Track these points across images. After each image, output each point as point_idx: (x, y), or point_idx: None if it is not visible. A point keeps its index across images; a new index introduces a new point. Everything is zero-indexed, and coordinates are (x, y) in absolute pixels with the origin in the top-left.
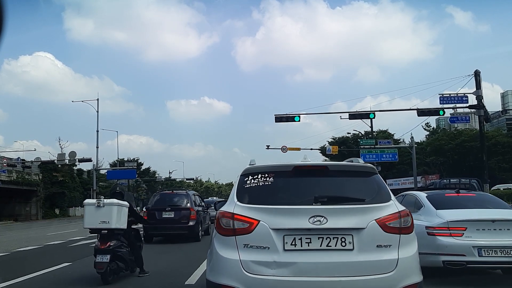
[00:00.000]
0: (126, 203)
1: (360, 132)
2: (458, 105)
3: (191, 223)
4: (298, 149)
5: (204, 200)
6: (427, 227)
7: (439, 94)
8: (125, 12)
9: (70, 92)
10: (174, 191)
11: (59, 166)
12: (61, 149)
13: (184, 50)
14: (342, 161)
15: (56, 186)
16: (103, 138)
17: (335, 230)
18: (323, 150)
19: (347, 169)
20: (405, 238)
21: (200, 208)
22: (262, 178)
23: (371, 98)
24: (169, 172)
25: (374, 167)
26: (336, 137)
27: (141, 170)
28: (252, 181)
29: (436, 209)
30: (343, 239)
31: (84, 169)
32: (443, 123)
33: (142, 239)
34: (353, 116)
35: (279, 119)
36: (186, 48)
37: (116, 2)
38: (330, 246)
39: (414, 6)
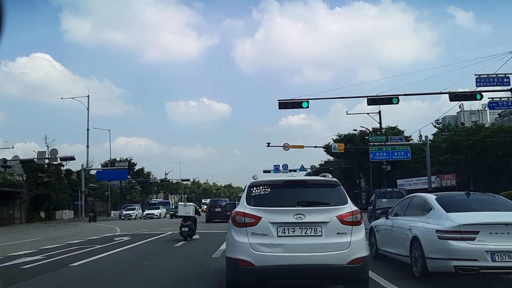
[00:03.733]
0: (194, 204)
1: (367, 129)
2: (498, 87)
3: (228, 214)
4: (301, 147)
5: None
6: (437, 231)
7: (475, 75)
8: (123, 13)
9: (69, 93)
10: (219, 198)
11: (46, 166)
12: (47, 147)
13: (183, 51)
14: (347, 159)
15: (41, 187)
16: (101, 139)
17: (310, 223)
18: (327, 148)
19: (320, 182)
20: (355, 228)
21: None
22: (263, 189)
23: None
24: (165, 173)
25: (338, 180)
26: (341, 134)
27: (134, 170)
28: (256, 190)
29: (447, 212)
30: (315, 229)
31: (74, 170)
32: (449, 121)
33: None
34: (373, 101)
35: (284, 105)
36: (185, 49)
37: (114, 2)
38: (307, 233)
39: (416, 7)
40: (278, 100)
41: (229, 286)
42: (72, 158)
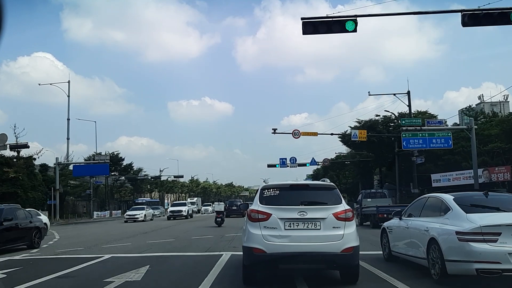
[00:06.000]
0: (223, 203)
1: (393, 114)
2: None
3: (241, 211)
4: (315, 134)
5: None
6: (457, 232)
7: None
8: (124, 12)
9: (71, 93)
10: (235, 199)
11: (15, 159)
12: (16, 138)
13: (185, 50)
14: (367, 150)
15: (6, 184)
16: (102, 139)
17: (311, 219)
18: (344, 137)
19: (319, 186)
20: (348, 223)
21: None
22: (272, 191)
23: (373, 98)
24: (160, 171)
25: (334, 184)
26: (361, 120)
27: (122, 166)
28: (267, 192)
29: (466, 213)
30: (315, 223)
31: (51, 165)
32: (472, 113)
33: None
34: (474, 18)
35: (312, 27)
36: (187, 48)
37: (114, 1)
38: (308, 227)
39: (419, 5)
40: (302, 19)
41: (245, 270)
42: (25, 146)
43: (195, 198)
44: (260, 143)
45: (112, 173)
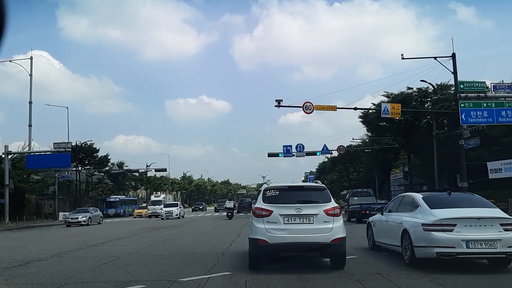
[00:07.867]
0: (233, 201)
1: (431, 84)
2: None
3: (252, 209)
4: (334, 108)
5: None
6: (423, 224)
7: None
8: (121, 10)
9: (68, 91)
10: (246, 198)
11: None
12: None
13: (182, 48)
14: (396, 129)
15: None
16: (100, 138)
17: (305, 214)
18: (365, 116)
19: (312, 187)
20: (336, 218)
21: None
22: (273, 191)
23: (370, 97)
24: (146, 166)
25: (325, 186)
26: (390, 94)
27: (97, 159)
28: (269, 192)
29: (431, 208)
30: (309, 218)
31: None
32: None
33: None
34: None
35: None
36: (184, 46)
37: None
38: (303, 221)
39: (417, 2)
40: None
41: (251, 258)
42: None
43: (162, 196)
44: (258, 141)
45: (86, 167)
